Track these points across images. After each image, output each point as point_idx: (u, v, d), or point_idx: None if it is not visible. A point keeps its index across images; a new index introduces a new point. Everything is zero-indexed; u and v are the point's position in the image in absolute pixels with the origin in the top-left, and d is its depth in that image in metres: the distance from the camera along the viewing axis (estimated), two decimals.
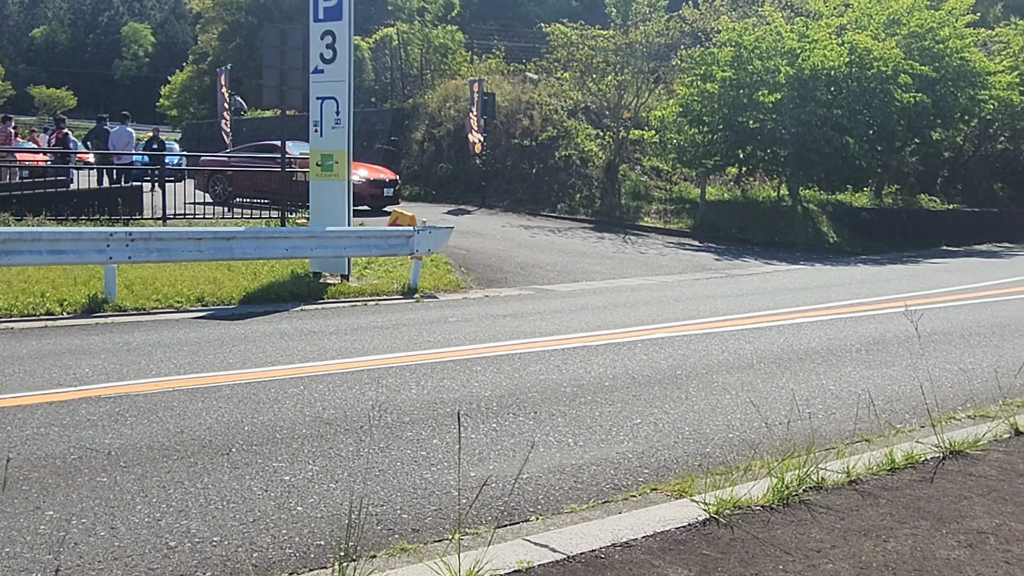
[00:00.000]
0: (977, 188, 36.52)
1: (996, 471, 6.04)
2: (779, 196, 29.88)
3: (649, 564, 4.40)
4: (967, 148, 35.82)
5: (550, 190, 29.23)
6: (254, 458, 6.30)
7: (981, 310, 14.90)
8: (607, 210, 27.99)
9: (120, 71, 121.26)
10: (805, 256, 24.80)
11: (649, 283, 17.71)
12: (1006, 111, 32.57)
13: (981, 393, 8.81)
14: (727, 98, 26.71)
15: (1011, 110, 32.48)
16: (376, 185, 25.53)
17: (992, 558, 4.58)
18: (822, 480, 5.62)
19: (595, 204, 28.55)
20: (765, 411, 7.85)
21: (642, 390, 8.65)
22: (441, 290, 15.38)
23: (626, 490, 5.96)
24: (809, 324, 12.89)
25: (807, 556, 4.55)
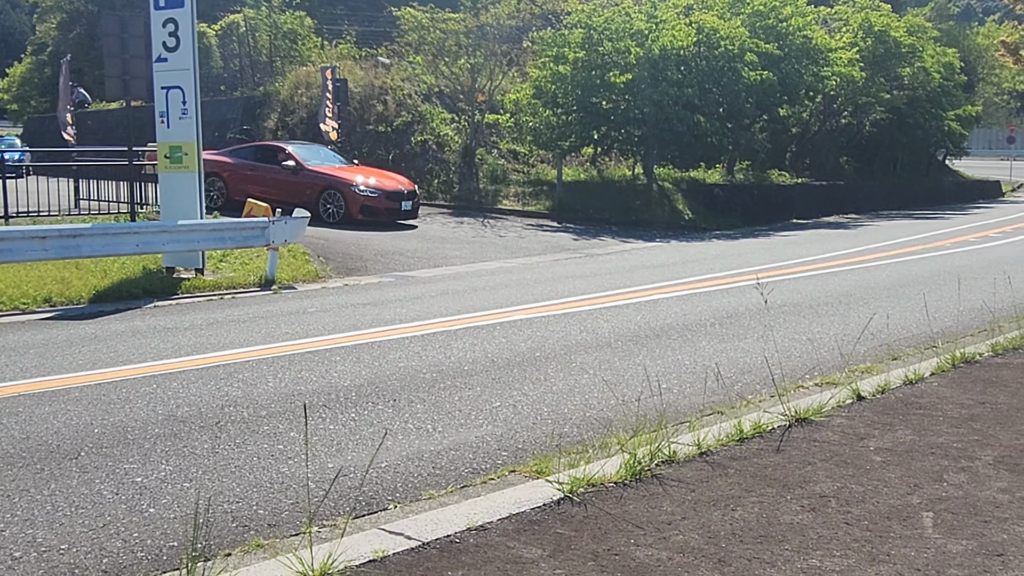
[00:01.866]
0: (824, 162, 37.76)
1: (839, 436, 6.28)
2: (635, 175, 30.37)
3: (504, 546, 4.44)
4: (813, 123, 37.00)
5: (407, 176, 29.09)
6: (104, 461, 6.13)
7: (829, 280, 15.45)
8: (466, 194, 28.02)
9: None
10: (661, 233, 25.29)
11: (509, 266, 17.81)
12: (848, 87, 33.76)
13: (827, 361, 9.14)
14: (580, 79, 26.98)
15: (852, 86, 33.67)
16: (392, 198, 22.76)
17: (833, 520, 4.77)
18: (674, 454, 5.76)
19: (453, 189, 28.55)
20: (622, 389, 8.00)
21: (501, 373, 8.72)
22: (299, 280, 15.19)
23: (485, 473, 6.01)
24: (665, 300, 13.16)
25: (658, 528, 4.66)
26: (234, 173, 23.50)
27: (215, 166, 23.11)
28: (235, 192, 23.02)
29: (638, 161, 30.14)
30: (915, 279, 15.56)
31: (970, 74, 45.23)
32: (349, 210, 22.29)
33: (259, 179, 23.14)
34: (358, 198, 22.38)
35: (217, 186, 23.30)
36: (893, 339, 10.34)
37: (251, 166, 23.57)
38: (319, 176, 22.93)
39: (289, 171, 22.93)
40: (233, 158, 23.96)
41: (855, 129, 39.08)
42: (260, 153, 24.21)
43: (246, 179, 23.26)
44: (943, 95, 39.82)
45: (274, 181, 22.93)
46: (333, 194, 22.50)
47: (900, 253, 20.10)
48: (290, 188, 22.64)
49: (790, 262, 18.24)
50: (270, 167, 23.26)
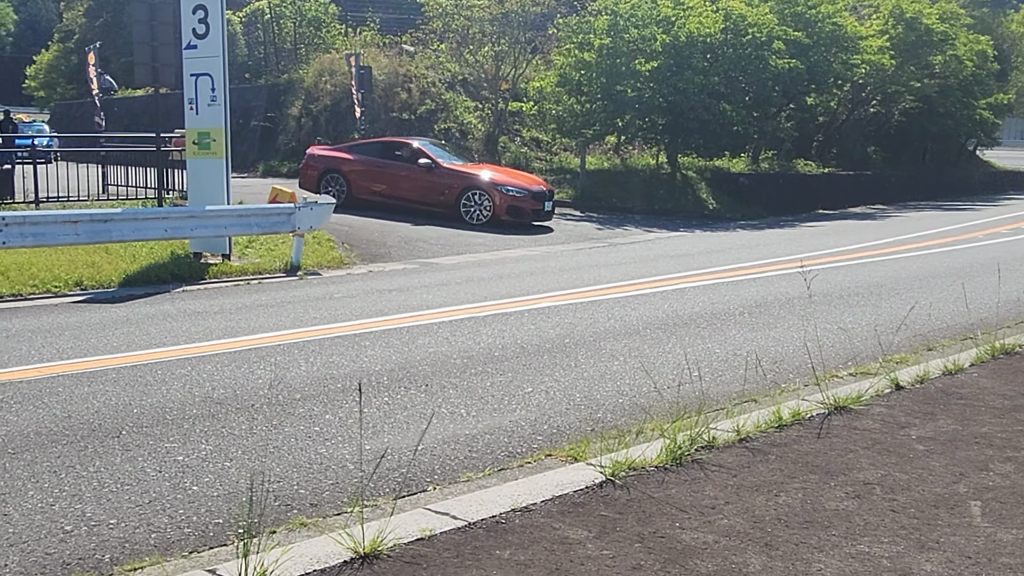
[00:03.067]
0: (851, 152, 37.47)
1: (879, 424, 6.24)
2: (658, 164, 30.25)
3: (549, 527, 4.44)
4: (841, 112, 36.69)
5: None
6: (146, 440, 6.16)
7: (858, 271, 15.37)
8: None
9: None
10: (685, 223, 25.20)
11: (533, 254, 17.79)
12: (878, 75, 33.44)
13: (862, 351, 9.09)
14: (604, 67, 26.86)
15: (882, 74, 33.36)
16: (537, 198, 21.70)
17: (878, 507, 4.74)
18: (713, 439, 5.75)
19: None
20: (654, 376, 7.98)
21: (532, 359, 8.71)
22: (325, 267, 15.21)
23: (521, 457, 6.01)
24: (692, 289, 13.12)
25: (702, 512, 4.64)
26: (358, 170, 22.28)
27: (336, 162, 22.46)
28: (359, 191, 22.12)
29: (662, 150, 30.02)
30: (947, 271, 15.46)
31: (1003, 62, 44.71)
32: (496, 211, 21.18)
33: (387, 177, 22.10)
34: (505, 199, 21.27)
35: (338, 184, 22.20)
36: (928, 330, 10.27)
37: (378, 163, 22.35)
38: (459, 175, 21.87)
39: (423, 169, 21.75)
40: (354, 154, 22.77)
41: (884, 118, 38.73)
42: (384, 149, 22.92)
43: (372, 177, 22.19)
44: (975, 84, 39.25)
45: (405, 180, 21.89)
46: (478, 195, 21.33)
47: (930, 245, 19.96)
48: (424, 188, 21.72)
49: (817, 253, 18.14)
50: (400, 164, 22.13)
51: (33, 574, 4.34)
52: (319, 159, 22.92)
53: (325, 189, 22.01)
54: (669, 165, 29.72)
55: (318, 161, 22.84)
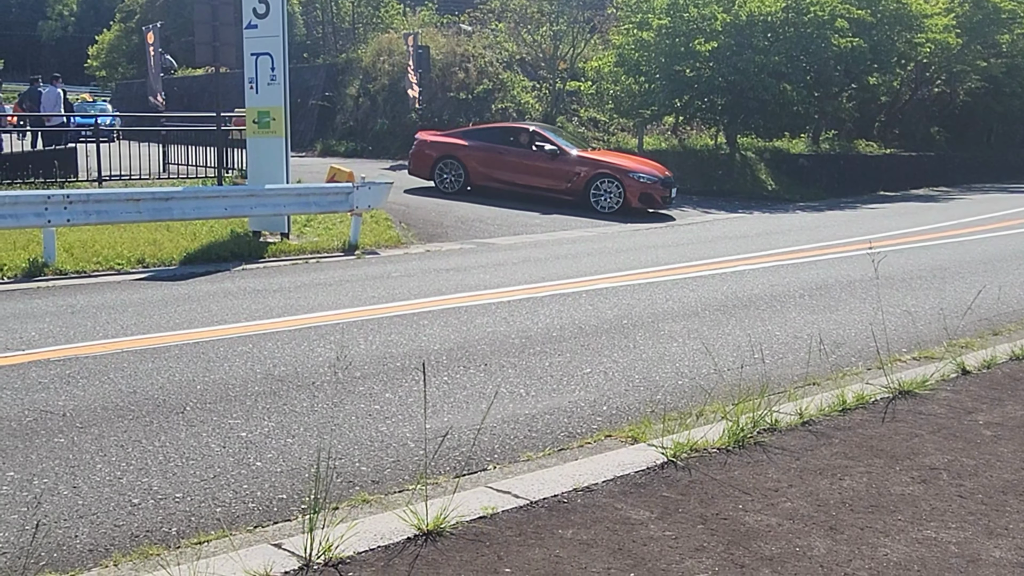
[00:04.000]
0: (914, 132, 36.90)
1: (945, 409, 6.15)
2: (717, 144, 30.00)
3: (611, 507, 4.43)
4: (904, 92, 36.10)
5: None
6: (209, 416, 6.24)
7: (920, 254, 15.15)
8: None
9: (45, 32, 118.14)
10: (744, 204, 24.98)
11: (589, 235, 17.73)
12: (942, 54, 32.80)
13: (926, 335, 8.96)
14: (663, 47, 26.64)
15: (947, 53, 32.72)
16: (666, 185, 21.20)
17: (945, 492, 4.68)
18: (776, 422, 5.70)
19: None
20: (714, 357, 7.93)
21: (590, 340, 8.69)
22: (382, 246, 15.28)
23: (581, 437, 6.00)
24: (751, 271, 13.00)
25: (765, 495, 4.61)
26: (477, 157, 21.79)
27: (452, 148, 22.03)
28: (477, 177, 21.80)
29: (720, 130, 29.74)
30: (1013, 254, 15.18)
31: None
32: (627, 199, 20.68)
33: (509, 164, 21.61)
34: (637, 186, 20.74)
35: (454, 170, 21.90)
36: (993, 314, 10.10)
37: (498, 149, 21.78)
38: (588, 162, 21.32)
39: (548, 156, 21.38)
40: (470, 140, 22.21)
41: (948, 98, 38.04)
42: (503, 135, 22.27)
43: (492, 163, 21.69)
44: None
45: (529, 167, 21.42)
46: (610, 182, 20.79)
47: (995, 227, 19.61)
48: (549, 174, 21.29)
49: (878, 235, 17.89)
50: (522, 151, 21.67)
51: (103, 545, 4.41)
52: (433, 145, 22.45)
53: (440, 176, 21.87)
54: (728, 146, 29.45)
55: (432, 147, 22.37)
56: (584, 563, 3.85)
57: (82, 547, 4.39)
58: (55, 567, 4.19)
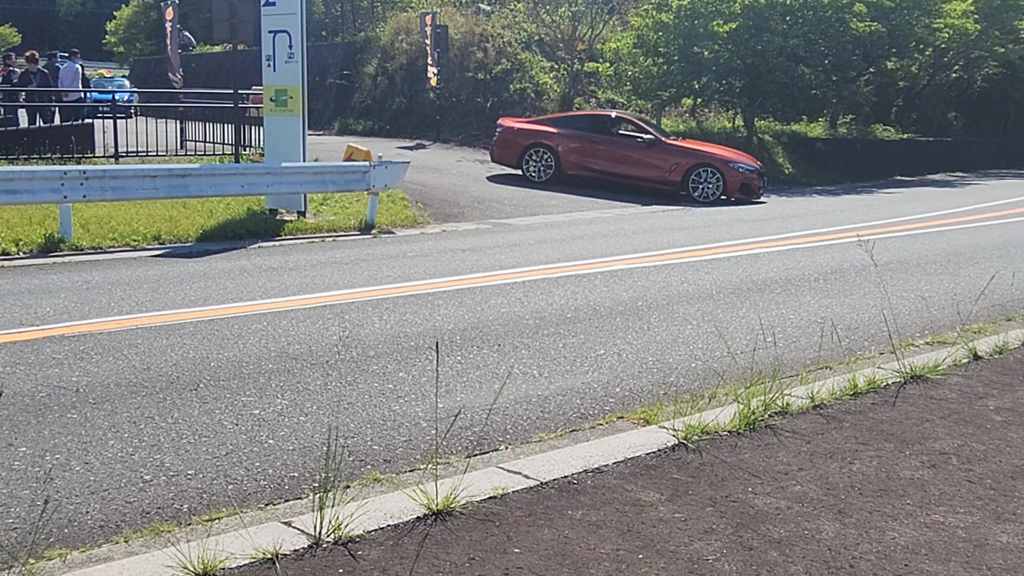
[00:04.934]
0: (931, 117, 36.74)
1: (956, 394, 6.15)
2: (734, 127, 29.88)
3: (621, 488, 4.46)
4: (921, 77, 35.91)
5: None
6: (222, 393, 6.28)
7: (936, 239, 15.10)
8: None
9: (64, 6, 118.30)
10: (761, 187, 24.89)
11: (606, 216, 17.73)
12: (960, 39, 32.59)
13: (939, 320, 8.94)
14: (682, 28, 26.56)
15: (965, 38, 32.50)
16: (760, 175, 21.72)
17: (955, 477, 4.69)
18: (787, 405, 5.71)
19: None
20: (728, 340, 7.93)
21: (604, 321, 8.70)
22: (398, 225, 15.31)
23: (593, 419, 6.02)
24: (767, 255, 12.99)
25: (775, 478, 4.63)
26: (568, 145, 21.55)
27: (541, 136, 21.69)
28: (568, 166, 21.59)
29: (738, 113, 29.65)
30: None
31: None
32: (728, 188, 20.96)
33: (602, 152, 21.48)
34: (737, 176, 21.10)
35: (544, 158, 21.58)
36: (1007, 300, 10.08)
37: (591, 138, 21.61)
38: (688, 152, 21.51)
39: (644, 145, 21.34)
40: (559, 128, 21.90)
41: (965, 84, 37.86)
42: (593, 123, 22.19)
43: (585, 152, 21.54)
44: None
45: (624, 156, 21.35)
46: (710, 172, 20.97)
47: (1011, 214, 19.52)
48: (645, 164, 21.25)
49: (895, 220, 17.85)
50: (616, 139, 21.63)
51: (114, 522, 4.46)
52: (521, 132, 22.09)
53: (527, 164, 21.65)
54: (745, 128, 29.35)
55: (519, 135, 22.01)
56: (593, 544, 3.87)
57: (93, 523, 4.44)
58: (65, 543, 4.23)
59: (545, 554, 3.78)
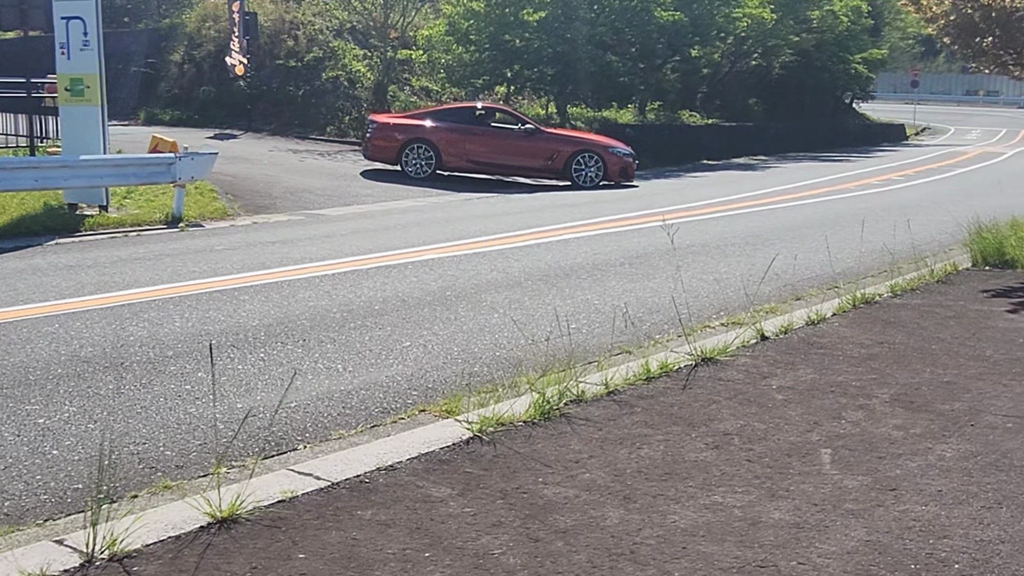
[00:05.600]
0: (734, 104, 38.11)
1: (743, 375, 6.41)
2: (547, 114, 30.28)
3: (413, 485, 4.47)
4: (724, 65, 37.21)
5: (318, 113, 28.66)
6: (5, 402, 6.00)
7: (736, 221, 15.68)
8: None
9: None
10: None
11: (420, 205, 17.74)
12: (758, 28, 33.93)
13: (734, 301, 9.29)
14: (493, 17, 26.76)
15: (763, 27, 33.87)
16: (634, 158, 22.65)
17: (736, 457, 4.88)
18: (582, 393, 5.83)
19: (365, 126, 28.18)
20: (532, 328, 8.06)
21: (412, 312, 8.71)
22: (207, 218, 14.94)
23: (395, 413, 6.02)
24: (576, 240, 13.24)
25: (566, 467, 4.73)
26: (448, 138, 21.44)
27: (420, 131, 21.50)
28: (450, 159, 21.52)
29: (551, 100, 30.10)
30: (820, 221, 15.87)
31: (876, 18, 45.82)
32: (608, 172, 21.82)
33: (484, 144, 21.64)
34: (617, 160, 22.04)
35: (424, 154, 21.33)
36: (797, 280, 10.56)
37: (473, 130, 21.70)
38: (568, 139, 22.46)
39: (524, 134, 21.76)
40: (436, 121, 21.78)
41: (764, 71, 39.46)
42: (469, 115, 22.23)
43: (465, 144, 21.49)
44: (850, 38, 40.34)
45: (505, 146, 21.70)
46: (591, 157, 21.77)
47: (806, 195, 20.46)
48: (529, 152, 21.70)
49: (700, 203, 18.46)
50: (496, 130, 21.92)
51: None
52: (397, 128, 21.85)
53: (407, 160, 21.29)
54: (558, 115, 29.79)
55: (396, 130, 21.77)
56: (380, 544, 3.88)
57: None
58: None
59: (331, 558, 3.77)
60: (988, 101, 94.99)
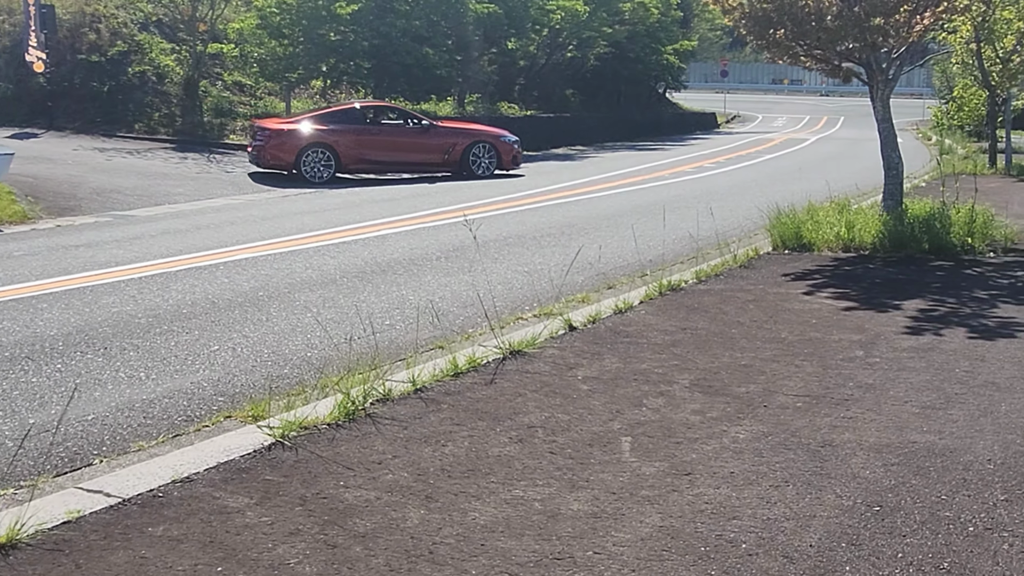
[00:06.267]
0: (551, 95, 38.66)
1: (550, 367, 6.48)
2: None
3: (210, 496, 4.35)
4: (540, 57, 37.69)
5: (126, 109, 27.64)
6: None
7: (553, 212, 15.88)
8: (189, 128, 26.95)
9: None
10: None
11: (236, 203, 17.35)
12: (572, 20, 34.53)
13: (547, 292, 9.37)
14: (306, 10, 26.39)
15: (577, 19, 34.47)
16: (520, 145, 23.55)
17: (539, 450, 4.93)
18: (389, 392, 5.78)
19: (176, 123, 27.38)
20: (345, 327, 7.97)
21: (222, 315, 8.50)
22: (5, 222, 14.23)
23: (199, 421, 5.85)
24: (393, 235, 13.16)
25: (368, 469, 4.68)
26: (345, 140, 21.22)
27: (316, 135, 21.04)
28: (349, 161, 21.30)
29: (369, 93, 29.87)
30: (633, 209, 16.23)
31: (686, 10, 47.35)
32: (503, 161, 22.64)
33: (381, 143, 21.75)
34: (509, 148, 22.83)
35: (323, 157, 20.99)
36: (610, 268, 10.77)
37: (368, 130, 21.81)
38: (462, 132, 22.94)
39: (420, 130, 22.26)
40: (330, 124, 21.41)
41: (580, 62, 40.14)
42: (362, 116, 22.19)
43: (364, 145, 21.45)
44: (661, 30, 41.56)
45: (402, 143, 21.99)
46: (486, 148, 22.45)
47: (622, 184, 20.90)
48: (425, 148, 22.06)
49: (518, 194, 18.62)
50: (393, 128, 22.22)
51: None
52: (292, 134, 21.15)
53: (306, 164, 20.72)
54: None
55: (291, 136, 21.07)
56: (171, 561, 3.75)
57: None
58: None
59: None
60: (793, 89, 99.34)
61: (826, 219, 11.92)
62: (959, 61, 26.29)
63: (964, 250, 11.06)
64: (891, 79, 12.08)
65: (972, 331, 7.43)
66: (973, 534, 3.89)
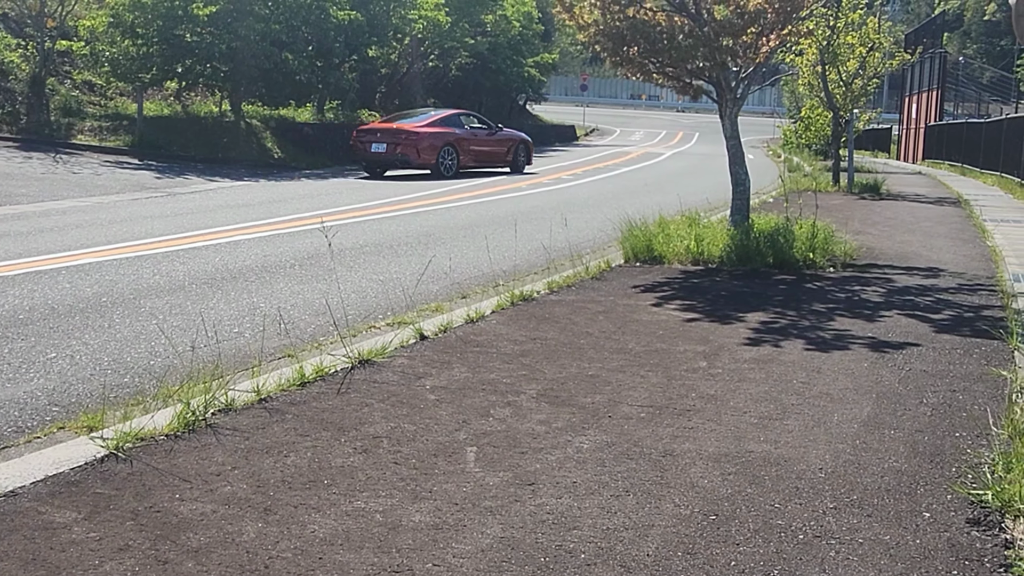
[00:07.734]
0: (412, 103, 38.58)
1: (398, 376, 6.43)
2: (222, 112, 29.52)
3: (35, 512, 4.15)
4: (402, 65, 37.68)
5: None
6: None
7: (412, 220, 15.83)
8: (35, 128, 25.95)
9: None
10: (249, 172, 24.83)
11: (83, 205, 16.80)
12: (434, 30, 34.64)
13: (402, 301, 9.32)
14: (161, 10, 25.74)
15: (439, 30, 34.60)
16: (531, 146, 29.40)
17: (383, 460, 4.87)
18: (231, 401, 5.64)
19: (20, 121, 26.34)
20: (191, 334, 7.76)
21: (62, 321, 8.19)
22: None
23: (30, 432, 5.60)
24: (247, 241, 12.92)
25: (206, 481, 4.55)
26: (462, 142, 26.30)
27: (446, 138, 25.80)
28: (465, 159, 26.28)
29: (225, 97, 29.34)
30: (491, 219, 16.29)
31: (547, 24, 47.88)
32: (529, 160, 29.08)
33: (478, 143, 27.00)
34: (531, 149, 29.23)
35: (450, 156, 25.72)
36: (464, 278, 10.77)
37: (470, 134, 26.91)
38: (512, 136, 28.65)
39: (491, 134, 27.73)
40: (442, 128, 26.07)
41: (442, 72, 40.27)
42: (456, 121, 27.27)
43: (470, 144, 26.58)
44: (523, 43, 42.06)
45: (486, 144, 27.25)
46: (522, 148, 28.64)
47: (482, 194, 20.98)
48: (495, 148, 27.59)
49: (377, 201, 18.52)
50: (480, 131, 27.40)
51: None
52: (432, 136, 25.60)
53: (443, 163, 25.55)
54: (233, 113, 29.11)
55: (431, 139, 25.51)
56: None
57: None
58: None
59: None
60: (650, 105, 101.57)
61: (677, 233, 12.16)
62: (806, 83, 27.26)
63: (806, 265, 11.42)
64: (739, 98, 12.42)
65: (810, 343, 7.66)
66: (803, 542, 3.99)
